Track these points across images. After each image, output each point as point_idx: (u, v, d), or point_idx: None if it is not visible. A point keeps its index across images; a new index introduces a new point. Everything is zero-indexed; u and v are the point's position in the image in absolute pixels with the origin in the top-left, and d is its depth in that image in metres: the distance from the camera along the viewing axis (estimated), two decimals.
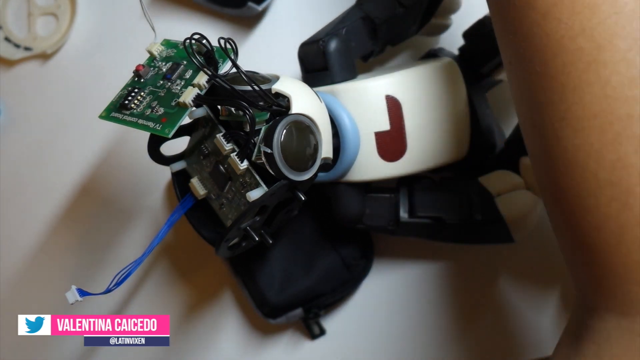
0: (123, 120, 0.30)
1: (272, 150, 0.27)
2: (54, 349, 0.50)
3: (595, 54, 0.20)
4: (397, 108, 0.34)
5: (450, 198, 0.37)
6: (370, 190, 0.38)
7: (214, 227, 0.33)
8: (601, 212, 0.21)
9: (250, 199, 0.29)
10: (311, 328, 0.45)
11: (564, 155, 0.22)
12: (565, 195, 0.22)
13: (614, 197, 0.20)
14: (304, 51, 0.37)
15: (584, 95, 0.21)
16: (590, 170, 0.21)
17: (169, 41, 0.32)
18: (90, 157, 0.49)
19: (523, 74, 0.23)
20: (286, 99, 0.30)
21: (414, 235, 0.39)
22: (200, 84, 0.29)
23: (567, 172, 0.22)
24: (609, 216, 0.20)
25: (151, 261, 0.49)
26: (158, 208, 0.49)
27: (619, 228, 0.20)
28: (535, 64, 0.22)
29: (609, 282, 0.21)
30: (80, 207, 0.50)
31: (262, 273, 0.42)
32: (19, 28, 0.52)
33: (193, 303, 0.49)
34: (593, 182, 0.21)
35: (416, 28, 0.39)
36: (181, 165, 0.34)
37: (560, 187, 0.22)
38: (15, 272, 0.51)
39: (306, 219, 0.43)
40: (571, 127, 0.21)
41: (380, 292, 0.46)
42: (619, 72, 0.20)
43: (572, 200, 0.22)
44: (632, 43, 0.20)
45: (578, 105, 0.21)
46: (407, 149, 0.35)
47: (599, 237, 0.21)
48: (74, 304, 0.29)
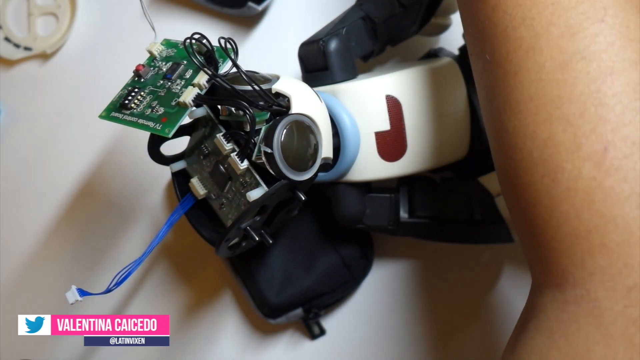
0: (123, 120, 0.30)
1: (272, 150, 0.27)
2: (54, 349, 0.50)
3: (534, 42, 0.22)
4: (397, 108, 0.34)
5: (450, 198, 0.37)
6: (370, 190, 0.38)
7: (214, 227, 0.33)
8: (535, 189, 0.22)
9: (250, 199, 0.29)
10: (311, 328, 0.45)
11: (506, 137, 0.23)
12: (509, 175, 0.23)
13: (545, 174, 0.21)
14: (304, 51, 0.37)
15: (523, 79, 0.22)
16: (527, 149, 0.22)
17: (169, 41, 0.32)
18: (90, 157, 0.49)
19: (479, 64, 0.25)
20: (286, 98, 0.30)
21: (414, 235, 0.39)
22: (200, 84, 0.29)
23: (509, 154, 0.23)
24: (541, 192, 0.21)
25: (151, 261, 0.49)
26: (158, 208, 0.49)
27: (550, 203, 0.21)
28: (486, 52, 0.24)
29: (546, 257, 0.22)
30: (80, 207, 0.50)
31: (262, 273, 0.42)
32: (19, 28, 0.52)
33: (193, 303, 0.49)
34: (528, 160, 0.22)
35: (416, 28, 0.39)
36: (181, 165, 0.34)
37: (506, 169, 0.24)
38: (15, 272, 0.51)
39: (306, 219, 0.43)
40: (511, 110, 0.23)
41: (380, 292, 0.46)
42: (553, 57, 0.21)
43: (514, 180, 0.23)
44: (565, 31, 0.21)
45: (517, 90, 0.22)
46: (407, 149, 0.35)
47: (535, 213, 0.22)
48: (74, 304, 0.29)
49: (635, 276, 0.19)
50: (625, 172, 0.20)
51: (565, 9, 0.21)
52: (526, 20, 0.22)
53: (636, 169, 0.19)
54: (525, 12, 0.22)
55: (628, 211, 0.19)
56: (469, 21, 0.26)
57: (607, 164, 0.20)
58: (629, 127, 0.20)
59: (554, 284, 0.21)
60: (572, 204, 0.20)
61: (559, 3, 0.22)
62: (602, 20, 0.21)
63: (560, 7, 0.22)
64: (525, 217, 0.23)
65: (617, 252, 0.20)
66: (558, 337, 0.21)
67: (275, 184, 0.28)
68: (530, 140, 0.22)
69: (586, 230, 0.20)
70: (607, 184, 0.20)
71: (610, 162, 0.20)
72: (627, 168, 0.20)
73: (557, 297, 0.21)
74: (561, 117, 0.21)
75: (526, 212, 0.22)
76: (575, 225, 0.20)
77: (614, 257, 0.20)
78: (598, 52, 0.21)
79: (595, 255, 0.20)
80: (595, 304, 0.20)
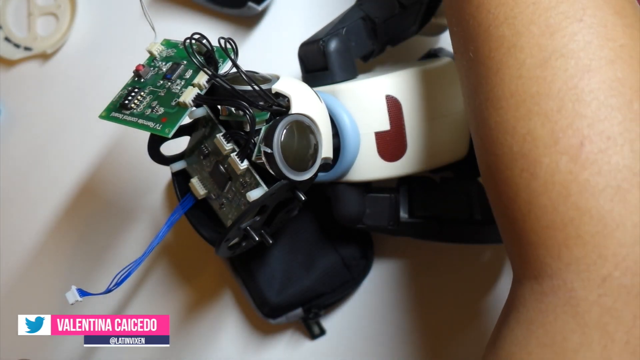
0: (123, 120, 0.30)
1: (272, 150, 0.27)
2: (54, 349, 0.50)
3: (515, 40, 0.23)
4: (397, 108, 0.34)
5: (450, 198, 0.37)
6: (370, 190, 0.38)
7: (214, 227, 0.33)
8: (515, 183, 0.22)
9: (250, 199, 0.29)
10: (311, 328, 0.45)
11: (488, 133, 0.24)
12: (491, 171, 0.24)
13: (524, 168, 0.22)
14: (304, 51, 0.37)
15: (504, 76, 0.23)
16: (507, 144, 0.22)
17: (169, 41, 0.32)
18: (91, 157, 0.49)
19: (463, 62, 0.26)
20: (286, 98, 0.30)
21: (414, 235, 0.39)
22: (200, 84, 0.29)
23: (491, 149, 0.23)
24: (521, 186, 0.22)
25: (151, 261, 0.49)
26: (158, 208, 0.49)
27: (529, 196, 0.22)
28: (470, 51, 0.25)
29: (525, 250, 0.22)
30: (80, 207, 0.50)
31: (262, 273, 0.42)
32: (19, 28, 0.52)
33: (193, 303, 0.49)
34: (508, 155, 0.22)
35: (416, 28, 0.39)
36: (181, 165, 0.34)
37: (488, 164, 0.24)
38: (15, 272, 0.51)
39: (306, 219, 0.43)
40: (493, 106, 0.23)
41: (380, 292, 0.46)
42: (533, 55, 0.22)
43: (495, 175, 0.24)
44: (545, 29, 0.22)
45: (499, 86, 0.23)
46: (407, 149, 0.35)
47: (515, 207, 0.22)
48: (74, 304, 0.29)
49: (608, 266, 0.20)
50: (600, 166, 0.20)
51: (546, 8, 0.22)
52: (508, 19, 0.23)
53: (611, 162, 0.20)
54: (507, 11, 0.23)
55: (602, 203, 0.20)
56: (453, 20, 0.26)
57: (583, 157, 0.20)
58: (604, 123, 0.20)
59: (532, 275, 0.22)
60: (550, 197, 0.21)
61: (540, 3, 0.22)
62: (581, 20, 0.22)
63: (540, 6, 0.22)
64: (506, 212, 0.23)
65: (592, 244, 0.20)
66: (536, 327, 0.21)
67: (275, 184, 0.28)
68: (510, 135, 0.22)
69: (562, 223, 0.21)
70: (583, 177, 0.20)
71: (586, 156, 0.20)
72: (602, 162, 0.20)
73: (536, 289, 0.22)
74: (540, 113, 0.21)
75: (507, 207, 0.23)
76: (552, 218, 0.21)
77: (588, 248, 0.20)
78: (576, 50, 0.21)
79: (571, 246, 0.20)
80: (571, 294, 0.20)
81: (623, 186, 0.20)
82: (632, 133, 0.20)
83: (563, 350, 0.20)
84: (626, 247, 0.20)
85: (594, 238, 0.20)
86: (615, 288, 0.20)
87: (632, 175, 0.20)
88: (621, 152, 0.20)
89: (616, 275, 0.20)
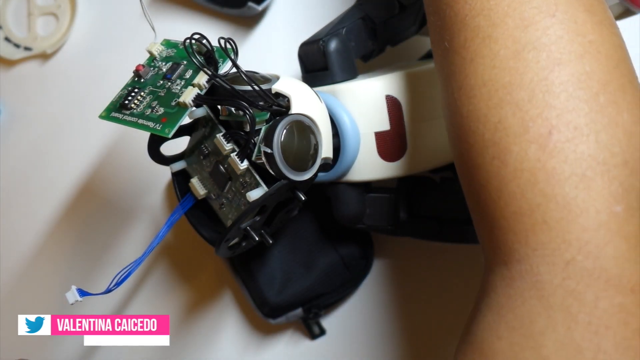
0: (123, 120, 0.30)
1: (272, 150, 0.27)
2: (54, 349, 0.50)
3: (490, 31, 0.23)
4: (397, 108, 0.34)
5: (450, 198, 0.37)
6: (370, 190, 0.38)
7: (214, 227, 0.33)
8: (486, 170, 0.23)
9: (250, 199, 0.29)
10: (311, 328, 0.45)
11: (461, 121, 0.24)
12: (464, 159, 0.24)
13: (494, 156, 0.23)
14: (304, 51, 0.37)
15: (478, 66, 0.23)
16: (479, 132, 0.23)
17: (169, 41, 0.32)
18: (90, 157, 0.49)
19: (438, 51, 0.26)
20: (286, 98, 0.30)
21: (414, 235, 0.39)
22: (200, 84, 0.29)
23: (463, 137, 0.24)
24: (491, 173, 0.23)
25: (151, 261, 0.49)
26: (158, 208, 0.49)
27: (499, 183, 0.22)
28: (445, 40, 0.25)
29: (495, 236, 0.23)
30: (80, 207, 0.50)
31: (262, 273, 0.42)
32: (19, 28, 0.52)
33: (193, 303, 0.49)
34: (480, 143, 0.23)
35: (416, 28, 0.39)
36: (181, 165, 0.34)
37: (461, 152, 0.25)
38: (16, 272, 0.51)
39: (306, 219, 0.43)
40: (466, 95, 0.24)
41: (380, 292, 0.46)
42: (507, 46, 0.23)
43: (467, 163, 0.24)
44: (519, 22, 0.23)
45: (472, 76, 0.24)
46: (407, 149, 0.35)
47: (485, 193, 0.23)
48: (74, 304, 0.29)
49: (572, 251, 0.21)
50: (567, 155, 0.21)
51: (521, 2, 0.23)
52: (484, 11, 0.23)
53: (577, 151, 0.21)
54: (484, 2, 0.24)
55: (568, 190, 0.21)
56: (430, 9, 0.27)
57: (551, 146, 0.21)
58: (572, 114, 0.21)
59: (502, 261, 0.23)
60: (518, 184, 0.22)
61: None
62: (553, 15, 0.22)
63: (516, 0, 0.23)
64: (478, 199, 0.24)
65: (557, 229, 0.21)
66: (505, 311, 0.22)
67: (275, 184, 0.28)
68: (482, 123, 0.23)
69: (530, 209, 0.21)
70: (550, 165, 0.21)
71: (553, 145, 0.21)
72: (569, 151, 0.21)
73: (505, 274, 0.22)
74: (511, 102, 0.22)
75: (478, 194, 0.24)
76: (520, 204, 0.22)
77: (553, 233, 0.21)
78: (548, 44, 0.22)
79: (537, 232, 0.21)
80: (537, 278, 0.21)
81: (587, 174, 0.21)
82: (597, 124, 0.21)
83: (530, 332, 0.21)
84: (589, 232, 0.20)
85: (559, 223, 0.21)
86: (578, 271, 0.20)
87: (596, 164, 0.21)
88: (587, 142, 0.21)
89: (579, 259, 0.20)
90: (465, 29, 0.24)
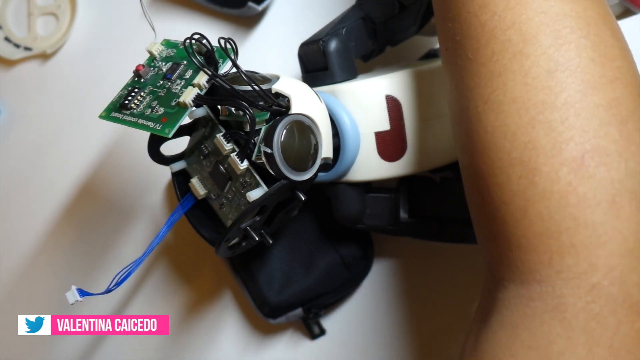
0: (123, 120, 0.30)
1: (272, 150, 0.27)
2: (54, 349, 0.50)
3: (521, 46, 0.23)
4: (397, 108, 0.34)
5: (450, 198, 0.37)
6: (370, 190, 0.38)
7: (214, 227, 0.33)
8: (510, 189, 0.23)
9: (250, 199, 0.29)
10: (311, 328, 0.45)
11: (483, 136, 0.24)
12: (481, 172, 0.24)
13: (522, 175, 0.22)
14: (304, 51, 0.37)
15: (507, 81, 0.23)
16: (505, 149, 0.23)
17: (169, 41, 0.32)
18: (90, 157, 0.49)
19: (457, 60, 0.26)
20: (286, 98, 0.30)
21: (414, 235, 0.39)
22: (200, 84, 0.29)
23: (485, 152, 0.24)
24: (516, 192, 0.22)
25: (151, 261, 0.49)
26: (158, 208, 0.49)
27: (525, 203, 0.22)
28: (468, 50, 0.25)
29: (512, 254, 0.23)
30: (80, 207, 0.50)
31: (262, 273, 0.42)
32: (19, 28, 0.52)
33: (193, 303, 0.49)
34: (506, 160, 0.23)
35: (416, 28, 0.39)
36: (181, 165, 0.34)
37: (478, 165, 0.24)
38: (16, 272, 0.51)
39: (306, 219, 0.43)
40: (492, 110, 0.23)
41: (380, 292, 0.46)
42: (539, 64, 0.22)
43: (486, 178, 0.24)
44: (553, 41, 0.22)
45: (500, 91, 0.23)
46: (407, 149, 0.35)
47: (507, 211, 0.23)
48: (74, 304, 0.29)
49: (598, 275, 0.21)
50: (598, 180, 0.21)
51: (553, 20, 0.23)
52: (515, 24, 0.23)
53: (607, 178, 0.21)
54: (515, 15, 0.23)
55: (597, 216, 0.21)
56: (449, 15, 0.26)
57: (583, 170, 0.21)
58: (604, 139, 0.21)
59: (518, 280, 0.22)
60: (547, 206, 0.22)
61: (547, 13, 0.23)
62: (587, 37, 0.22)
63: (549, 17, 0.23)
64: (493, 215, 0.24)
65: (584, 253, 0.21)
66: (521, 330, 0.22)
67: (275, 184, 0.28)
68: (509, 141, 0.23)
69: (557, 231, 0.21)
70: (581, 189, 0.21)
71: (585, 170, 0.21)
72: (600, 176, 0.21)
73: (522, 293, 0.22)
74: (544, 122, 0.22)
75: (496, 210, 0.23)
76: (547, 226, 0.22)
77: (581, 257, 0.21)
78: (582, 66, 0.22)
79: (564, 254, 0.21)
80: (560, 300, 0.21)
81: (617, 201, 0.21)
82: (627, 151, 0.21)
83: (548, 353, 0.21)
84: (616, 258, 0.21)
85: (587, 248, 0.21)
86: (603, 296, 0.20)
87: (625, 191, 0.21)
88: (617, 169, 0.21)
89: (605, 284, 0.21)
90: (494, 41, 0.23)
